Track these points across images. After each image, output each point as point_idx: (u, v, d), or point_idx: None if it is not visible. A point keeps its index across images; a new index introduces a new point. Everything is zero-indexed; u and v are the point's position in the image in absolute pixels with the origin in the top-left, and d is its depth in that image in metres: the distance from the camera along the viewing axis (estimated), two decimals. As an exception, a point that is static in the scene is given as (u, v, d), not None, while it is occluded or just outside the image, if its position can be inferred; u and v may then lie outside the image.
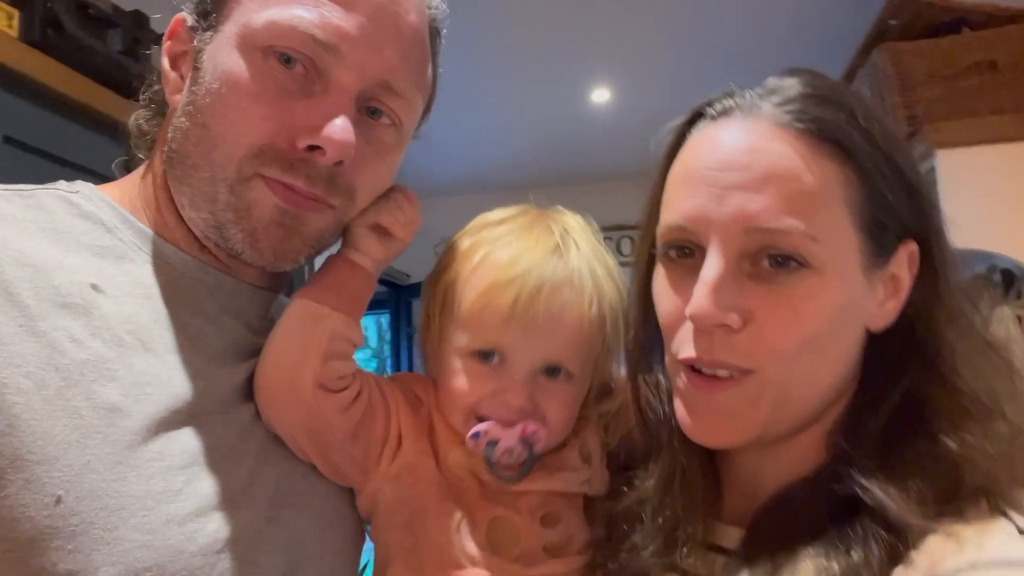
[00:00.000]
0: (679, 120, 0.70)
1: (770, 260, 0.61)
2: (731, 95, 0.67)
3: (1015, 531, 0.53)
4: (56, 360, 0.59)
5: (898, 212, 0.64)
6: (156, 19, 1.52)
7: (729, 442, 0.67)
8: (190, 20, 0.74)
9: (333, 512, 0.76)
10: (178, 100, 0.72)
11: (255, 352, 0.74)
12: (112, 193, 0.75)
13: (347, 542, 0.77)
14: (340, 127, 0.67)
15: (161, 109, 0.79)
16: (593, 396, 0.81)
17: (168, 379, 0.65)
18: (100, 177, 1.38)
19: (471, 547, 0.72)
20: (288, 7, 0.68)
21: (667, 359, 0.70)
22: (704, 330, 0.63)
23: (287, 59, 0.68)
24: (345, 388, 0.73)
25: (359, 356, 0.78)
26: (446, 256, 0.80)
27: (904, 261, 0.65)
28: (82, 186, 0.74)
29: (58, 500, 0.56)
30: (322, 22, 0.67)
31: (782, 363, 0.62)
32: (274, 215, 0.69)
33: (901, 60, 1.90)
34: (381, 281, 0.87)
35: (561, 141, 3.93)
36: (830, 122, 0.62)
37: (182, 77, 0.73)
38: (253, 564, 0.66)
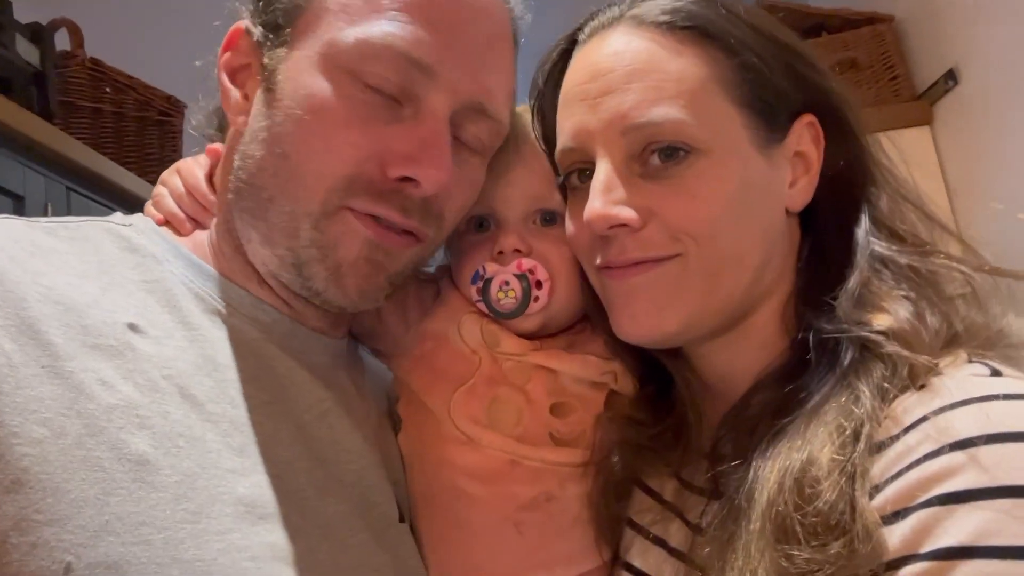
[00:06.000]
0: (551, 56, 0.70)
1: (658, 155, 0.61)
2: (594, 15, 0.67)
3: (987, 372, 0.54)
4: (80, 405, 0.52)
5: (779, 85, 0.63)
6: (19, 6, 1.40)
7: (661, 331, 0.63)
8: (255, 33, 0.66)
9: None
10: (243, 123, 0.66)
11: (317, 396, 0.67)
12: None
13: None
14: (439, 159, 0.62)
15: (222, 125, 0.72)
16: None
17: (202, 433, 0.57)
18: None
19: (465, 420, 0.72)
20: (377, 23, 0.62)
21: (590, 277, 0.69)
22: (608, 235, 0.62)
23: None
24: None
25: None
26: None
27: (805, 136, 0.64)
28: (137, 219, 0.68)
29: (67, 568, 0.48)
30: (416, 39, 0.62)
31: (701, 245, 0.61)
32: (363, 251, 0.63)
33: (772, 63, 2.02)
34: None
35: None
36: (685, 10, 0.63)
37: (246, 96, 0.66)
38: None
